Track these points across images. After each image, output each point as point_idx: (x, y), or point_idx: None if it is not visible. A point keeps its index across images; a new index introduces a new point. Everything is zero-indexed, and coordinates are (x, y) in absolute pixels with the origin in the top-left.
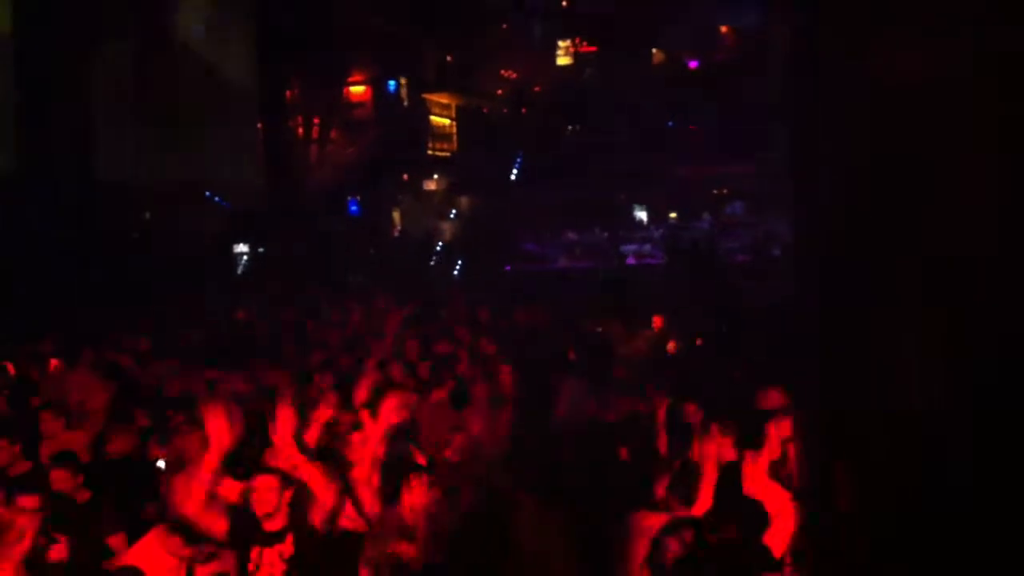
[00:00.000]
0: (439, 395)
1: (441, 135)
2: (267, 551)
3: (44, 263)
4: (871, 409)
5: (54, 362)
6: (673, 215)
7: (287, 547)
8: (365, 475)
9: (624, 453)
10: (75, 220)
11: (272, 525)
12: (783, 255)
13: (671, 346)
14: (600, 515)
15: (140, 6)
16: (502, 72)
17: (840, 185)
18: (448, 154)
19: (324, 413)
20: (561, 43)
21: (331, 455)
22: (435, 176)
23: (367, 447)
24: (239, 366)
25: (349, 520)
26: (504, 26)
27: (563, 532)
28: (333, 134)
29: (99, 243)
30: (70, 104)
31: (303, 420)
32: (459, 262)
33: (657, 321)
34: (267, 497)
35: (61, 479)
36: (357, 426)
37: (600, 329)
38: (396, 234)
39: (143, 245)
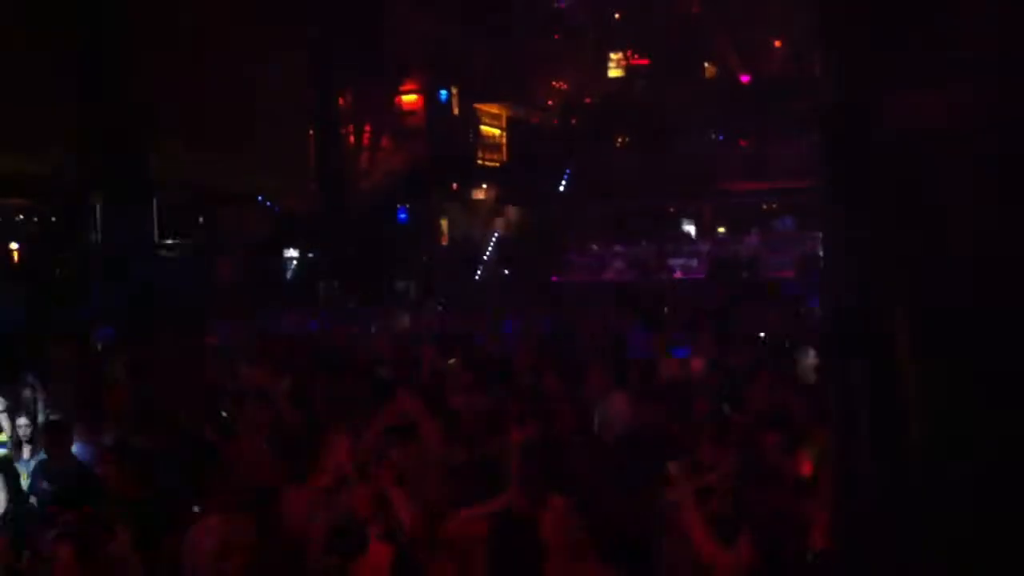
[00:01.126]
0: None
1: (491, 145)
2: (369, 559)
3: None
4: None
5: None
6: (721, 229)
7: (386, 555)
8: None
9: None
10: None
11: (376, 532)
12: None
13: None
14: (634, 520)
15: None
16: (553, 83)
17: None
18: (497, 164)
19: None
20: (613, 55)
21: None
22: (484, 186)
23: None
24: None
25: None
26: (556, 37)
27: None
28: (384, 142)
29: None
30: (124, 110)
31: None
32: (505, 272)
33: (705, 340)
34: (365, 504)
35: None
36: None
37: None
38: (444, 243)
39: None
